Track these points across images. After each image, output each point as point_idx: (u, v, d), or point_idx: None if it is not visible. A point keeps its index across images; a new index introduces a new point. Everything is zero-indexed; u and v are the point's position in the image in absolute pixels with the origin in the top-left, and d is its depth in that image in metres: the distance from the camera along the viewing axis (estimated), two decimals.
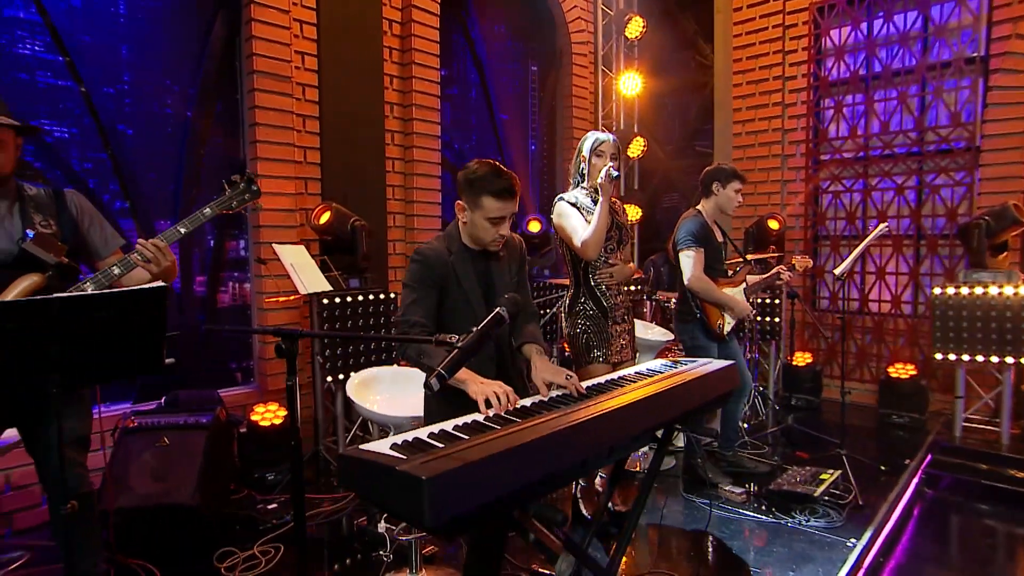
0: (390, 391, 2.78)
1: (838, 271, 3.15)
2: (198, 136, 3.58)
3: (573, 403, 1.57)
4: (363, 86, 4.08)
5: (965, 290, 3.87)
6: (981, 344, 3.83)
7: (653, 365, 2.00)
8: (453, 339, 1.31)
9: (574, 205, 2.61)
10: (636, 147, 5.79)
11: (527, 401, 1.62)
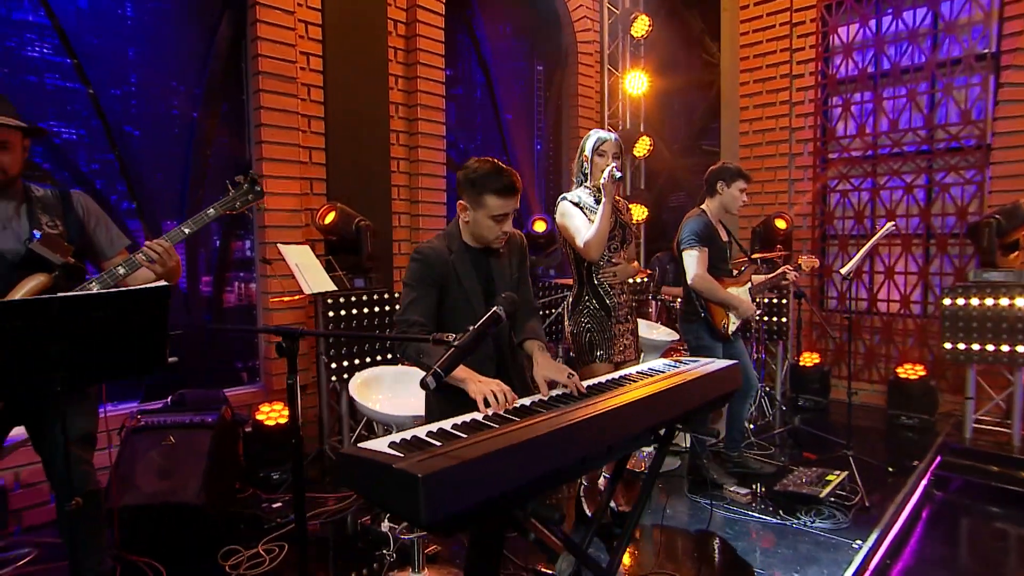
0: (392, 390, 2.78)
1: (844, 271, 3.13)
2: (204, 137, 3.60)
3: (572, 402, 1.57)
4: (368, 86, 4.09)
5: (975, 300, 3.82)
6: (991, 334, 3.78)
7: (655, 364, 1.99)
8: (450, 338, 1.31)
9: (577, 205, 2.60)
10: (642, 146, 5.77)
11: (526, 400, 1.62)
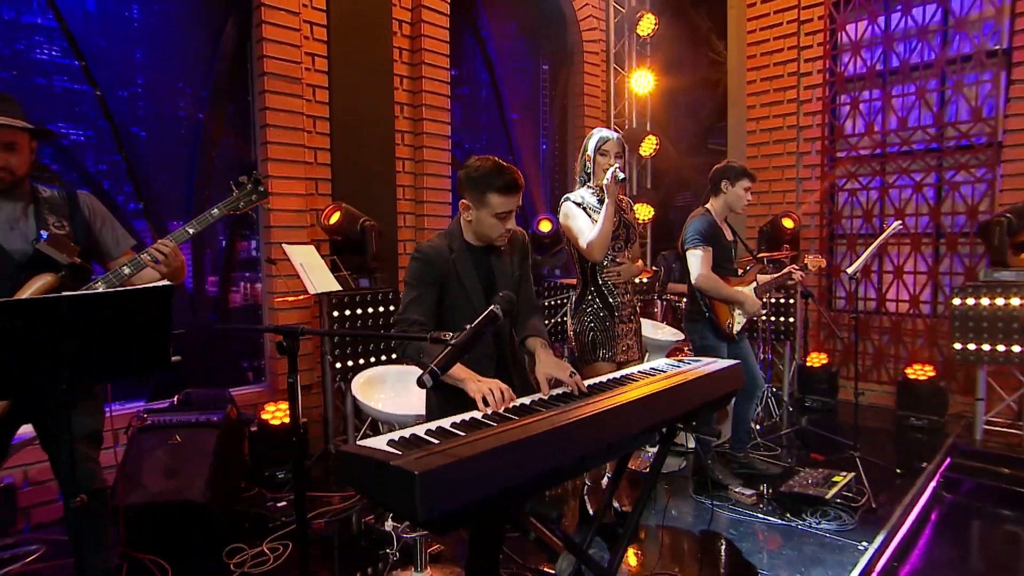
0: (395, 390, 2.79)
1: (851, 270, 3.10)
2: (210, 138, 3.62)
3: (572, 401, 1.56)
4: (373, 86, 4.10)
5: (986, 300, 3.77)
6: (1002, 335, 3.74)
7: (656, 364, 1.98)
8: (447, 336, 1.31)
9: (580, 205, 2.60)
10: (648, 145, 5.75)
11: (526, 399, 1.61)
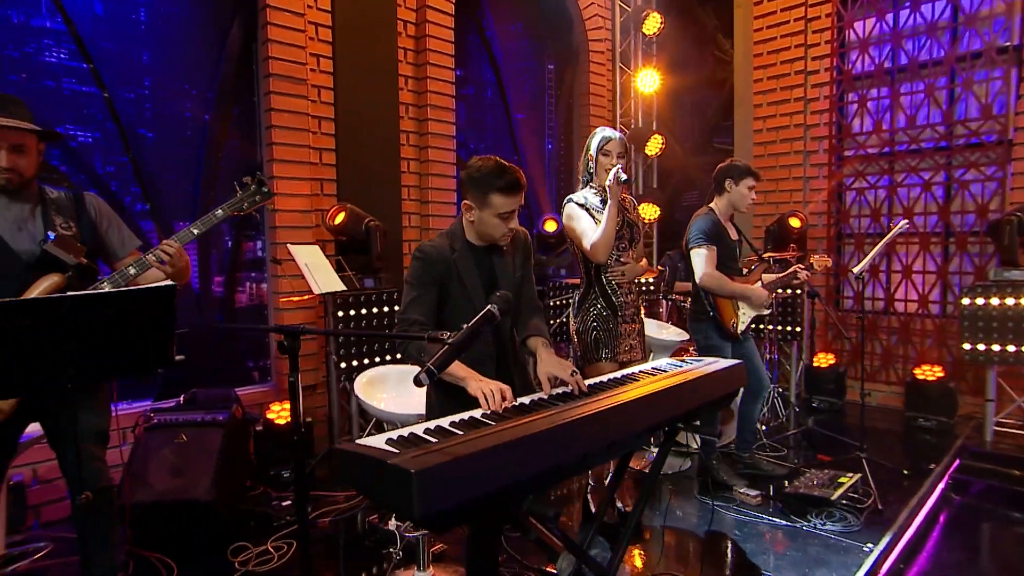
0: (397, 389, 2.79)
1: (856, 270, 3.07)
2: (216, 139, 3.65)
3: (572, 400, 1.56)
4: (378, 87, 4.11)
5: (996, 300, 3.73)
6: (1012, 335, 3.69)
7: (658, 363, 1.98)
8: (445, 336, 1.31)
9: (583, 206, 2.60)
10: (654, 145, 5.72)
11: (526, 399, 1.61)
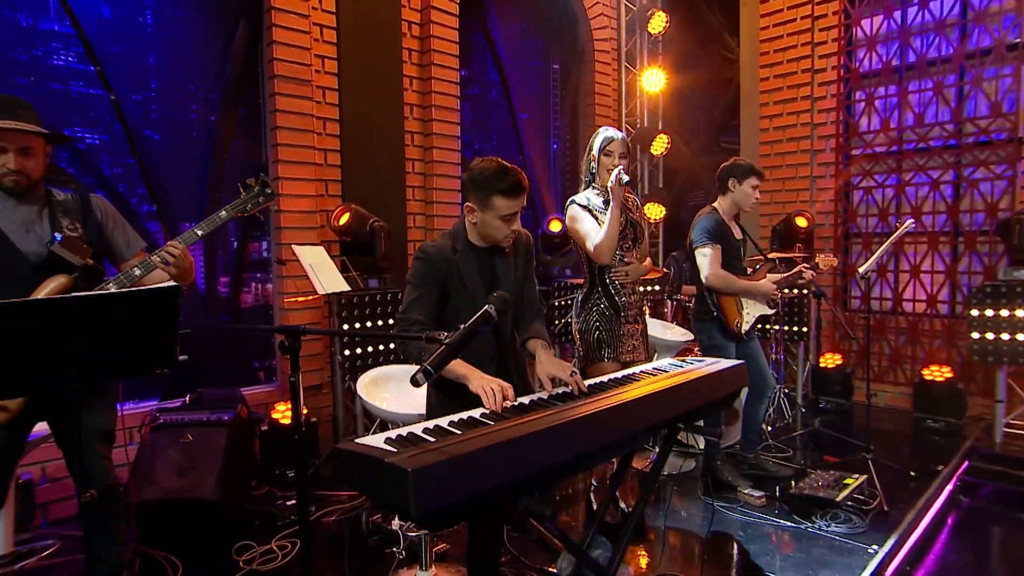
0: (399, 389, 2.80)
1: (862, 270, 3.05)
2: (221, 140, 3.68)
3: (572, 400, 1.56)
4: (382, 88, 4.12)
5: (1005, 300, 3.70)
6: (1023, 335, 3.65)
7: (660, 364, 1.97)
8: (442, 336, 1.31)
9: (585, 207, 2.59)
10: (660, 144, 5.71)
11: (525, 398, 1.61)
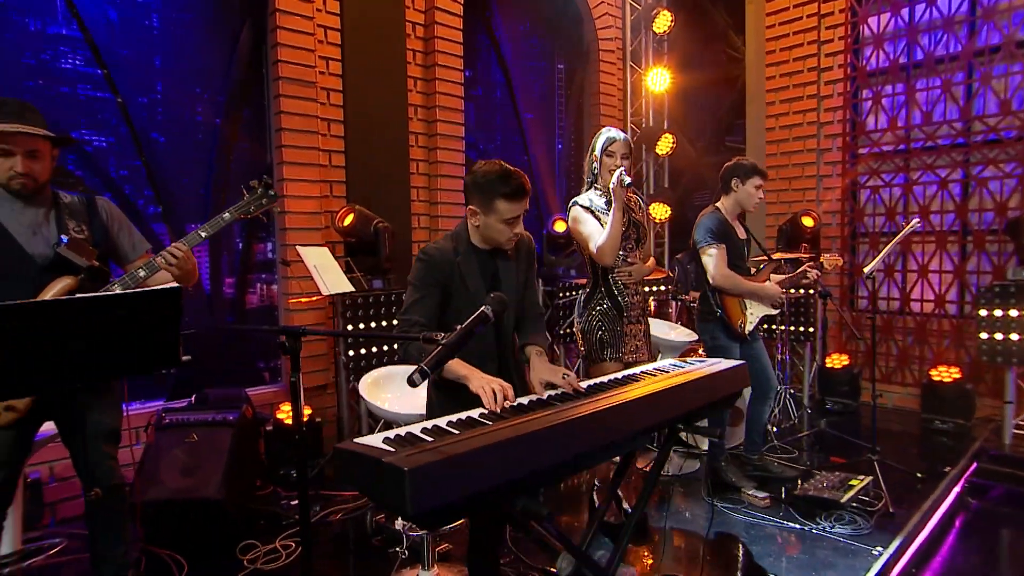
0: (401, 389, 2.80)
1: (867, 270, 3.03)
2: (227, 142, 3.70)
3: (571, 400, 1.56)
4: (387, 89, 4.13)
5: (1015, 299, 3.67)
6: None
7: (660, 364, 1.97)
8: (439, 337, 1.32)
9: (588, 209, 2.59)
10: (665, 144, 5.69)
11: (525, 399, 1.61)
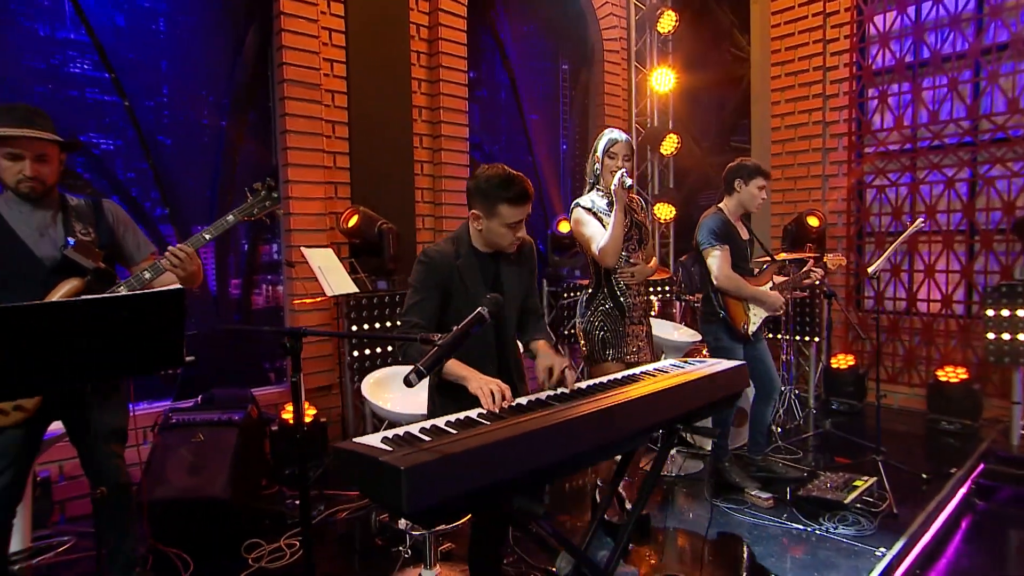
0: (403, 389, 2.81)
1: (871, 270, 3.02)
2: (232, 144, 3.74)
3: (569, 400, 1.57)
4: (391, 91, 4.16)
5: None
6: None
7: (662, 364, 1.97)
8: (436, 338, 1.33)
9: (590, 210, 2.60)
10: (669, 144, 5.68)
11: (523, 399, 1.62)
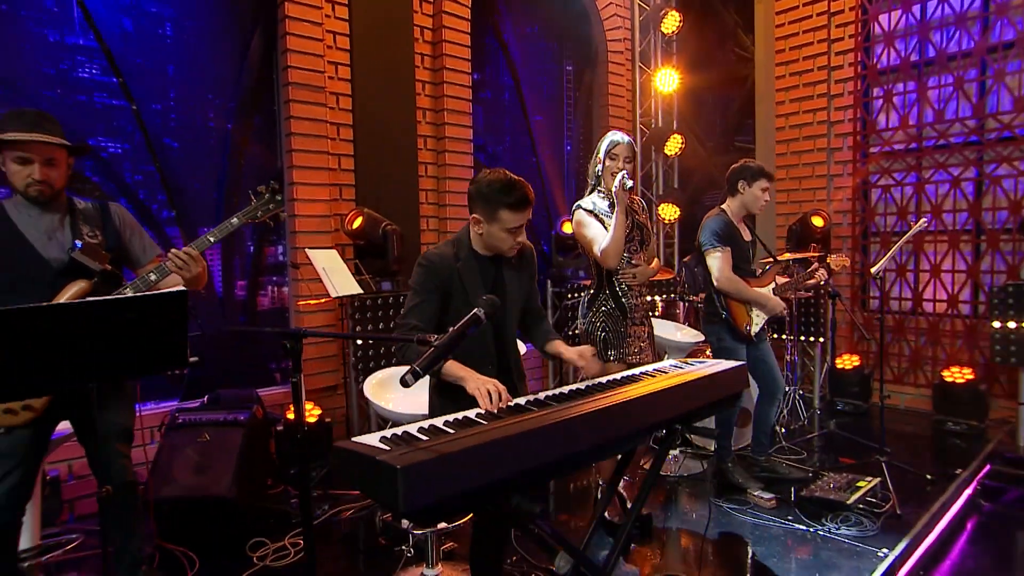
0: (404, 390, 2.83)
1: (874, 270, 3.02)
2: (238, 147, 3.78)
3: (567, 400, 1.58)
4: (395, 93, 4.18)
5: None
6: None
7: (662, 365, 1.98)
8: (432, 339, 1.35)
9: (591, 212, 2.61)
10: (674, 144, 5.67)
11: (522, 399, 1.64)
